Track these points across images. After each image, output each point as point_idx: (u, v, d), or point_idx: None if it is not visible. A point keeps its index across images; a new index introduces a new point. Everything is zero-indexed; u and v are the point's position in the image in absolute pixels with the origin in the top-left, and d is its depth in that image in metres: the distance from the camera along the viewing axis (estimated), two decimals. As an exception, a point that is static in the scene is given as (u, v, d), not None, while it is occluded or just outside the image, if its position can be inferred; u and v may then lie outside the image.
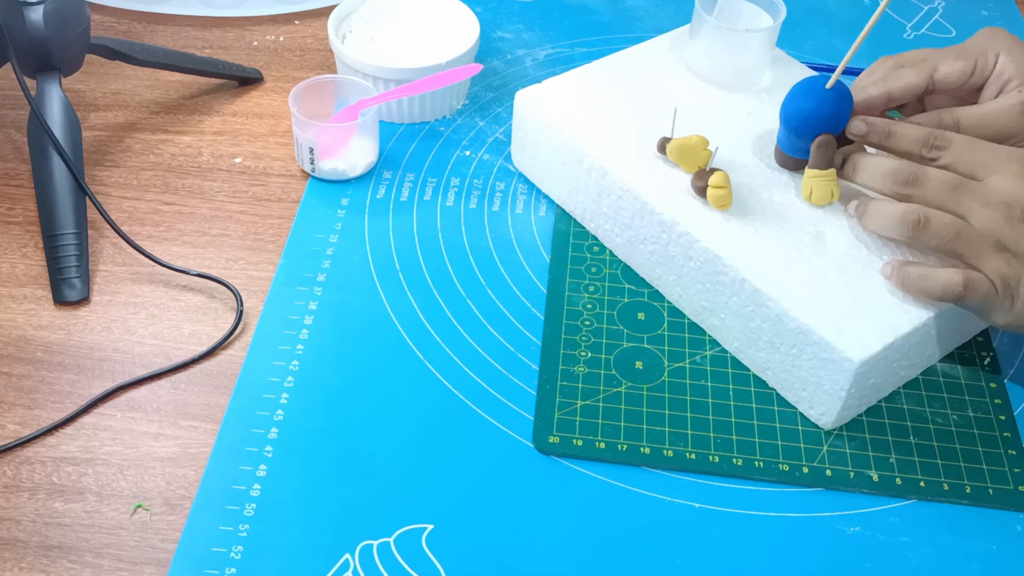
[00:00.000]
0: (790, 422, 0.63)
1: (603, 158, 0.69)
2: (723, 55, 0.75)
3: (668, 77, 0.76)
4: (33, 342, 0.66)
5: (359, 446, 0.61)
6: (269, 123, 0.84)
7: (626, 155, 0.70)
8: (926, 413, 0.65)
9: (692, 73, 0.77)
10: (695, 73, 0.76)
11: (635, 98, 0.74)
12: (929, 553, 0.58)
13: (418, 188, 0.78)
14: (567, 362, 0.66)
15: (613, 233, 0.72)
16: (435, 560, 0.56)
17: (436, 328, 0.68)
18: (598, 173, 0.70)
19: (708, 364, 0.66)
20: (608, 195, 0.70)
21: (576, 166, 0.71)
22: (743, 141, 0.71)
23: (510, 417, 0.63)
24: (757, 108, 0.74)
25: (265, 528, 0.57)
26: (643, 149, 0.70)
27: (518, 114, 0.75)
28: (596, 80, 0.75)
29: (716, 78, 0.76)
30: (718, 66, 0.75)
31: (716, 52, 0.75)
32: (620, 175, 0.68)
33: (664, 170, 0.68)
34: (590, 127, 0.71)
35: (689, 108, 0.73)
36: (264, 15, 0.95)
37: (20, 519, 0.57)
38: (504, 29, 0.95)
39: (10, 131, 0.82)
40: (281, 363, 0.65)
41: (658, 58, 0.78)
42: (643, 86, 0.75)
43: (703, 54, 0.76)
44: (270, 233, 0.74)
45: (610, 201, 0.70)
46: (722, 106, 0.74)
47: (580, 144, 0.70)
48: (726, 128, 0.71)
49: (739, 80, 0.75)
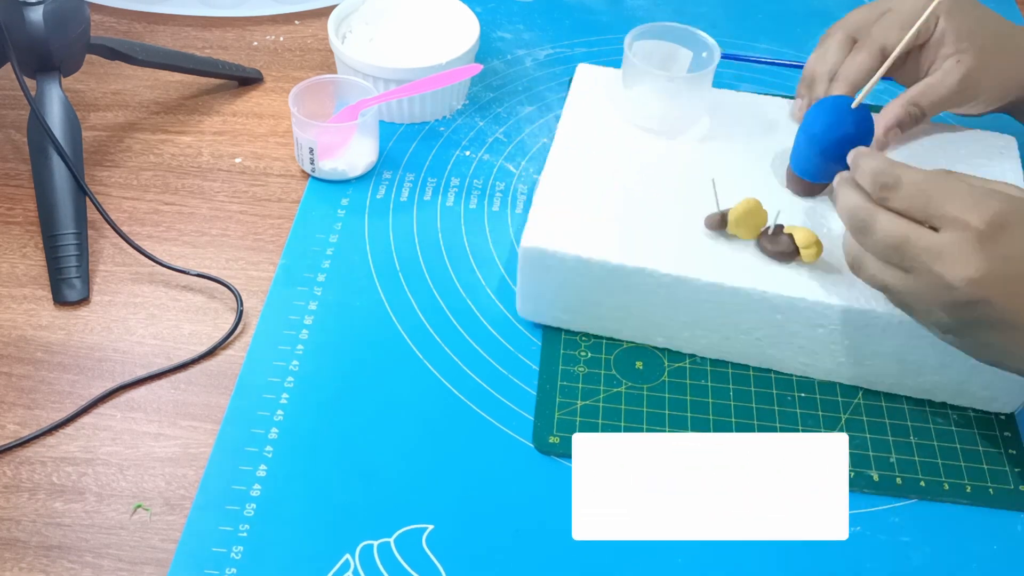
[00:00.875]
0: (791, 422, 0.63)
1: (668, 267, 0.62)
2: (665, 103, 0.71)
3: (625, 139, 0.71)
4: (33, 342, 0.66)
5: (359, 446, 0.61)
6: (269, 123, 0.84)
7: (684, 251, 0.63)
8: (926, 413, 0.65)
9: (631, 125, 0.72)
10: (633, 124, 0.72)
11: (624, 181, 0.67)
12: (929, 553, 0.58)
13: (418, 188, 0.78)
14: (567, 362, 0.66)
15: (695, 337, 0.65)
16: (435, 560, 0.56)
17: (436, 328, 0.68)
18: (669, 287, 0.62)
19: (708, 364, 0.66)
20: (687, 304, 0.63)
21: (631, 292, 0.63)
22: (743, 182, 0.67)
23: (510, 417, 0.63)
24: (724, 147, 0.71)
25: (265, 528, 0.57)
26: (687, 235, 0.64)
27: (529, 267, 0.64)
28: (573, 185, 0.67)
29: (656, 126, 0.71)
30: (660, 114, 0.71)
31: (658, 100, 0.71)
32: (700, 276, 0.61)
33: (729, 250, 0.63)
34: (626, 243, 0.63)
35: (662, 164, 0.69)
36: (264, 15, 0.95)
37: (20, 519, 0.57)
38: (504, 29, 0.95)
39: (10, 131, 0.82)
40: (281, 363, 0.65)
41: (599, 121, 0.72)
42: (618, 162, 0.69)
43: (643, 104, 0.71)
44: (270, 233, 0.74)
45: (691, 308, 0.63)
46: (686, 153, 0.70)
47: (634, 266, 0.62)
48: (708, 174, 0.67)
49: (680, 125, 0.72)
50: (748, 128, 0.73)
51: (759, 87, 0.90)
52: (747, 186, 0.66)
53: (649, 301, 0.64)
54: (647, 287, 0.63)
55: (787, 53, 0.94)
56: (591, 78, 0.76)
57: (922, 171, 0.55)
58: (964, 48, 0.67)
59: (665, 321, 0.65)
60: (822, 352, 0.64)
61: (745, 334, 0.64)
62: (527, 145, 0.83)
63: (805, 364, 0.65)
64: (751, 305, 0.62)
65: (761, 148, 0.71)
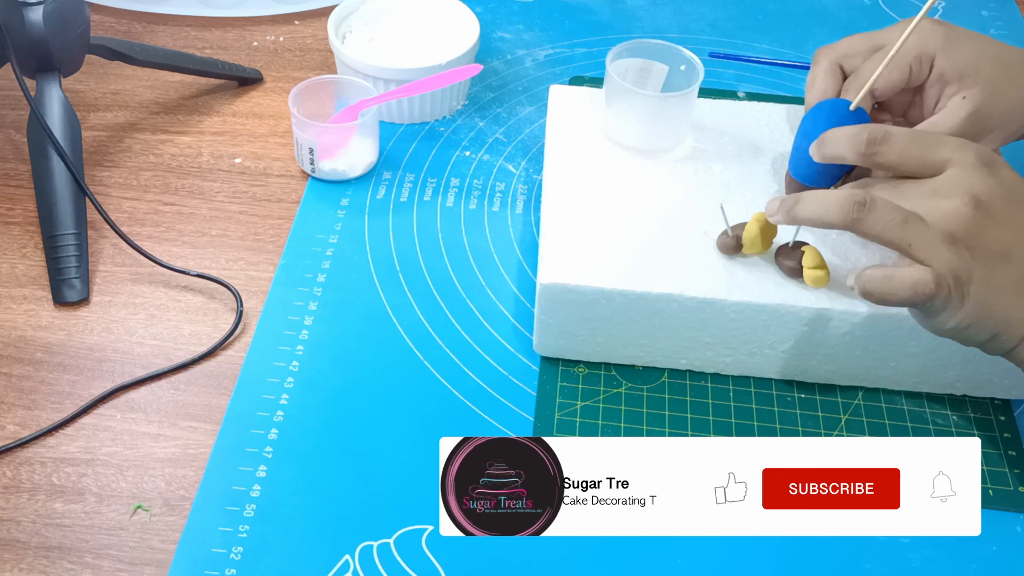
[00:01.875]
0: (790, 422, 0.63)
1: (693, 290, 0.61)
2: (648, 122, 0.70)
3: (617, 162, 0.70)
4: (33, 342, 0.66)
5: (359, 446, 0.61)
6: (269, 123, 0.84)
7: (704, 272, 0.62)
8: (926, 414, 0.65)
9: (616, 145, 0.71)
10: (618, 144, 0.71)
11: (624, 205, 0.67)
12: (929, 553, 0.58)
13: (418, 188, 0.78)
14: (567, 362, 0.66)
15: (720, 356, 0.64)
16: (435, 561, 0.56)
17: (436, 328, 0.68)
18: (693, 311, 0.62)
19: (708, 364, 0.66)
20: (713, 324, 0.62)
21: (654, 319, 0.63)
22: (745, 193, 0.67)
23: (510, 417, 0.63)
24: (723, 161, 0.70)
25: (265, 529, 0.57)
26: (700, 255, 0.63)
27: (549, 304, 0.63)
28: (576, 215, 0.66)
29: (641, 145, 0.70)
30: (644, 133, 0.70)
31: (640, 119, 0.70)
32: (727, 296, 0.61)
33: (746, 265, 0.63)
34: (643, 269, 0.62)
35: (657, 184, 0.68)
36: (264, 15, 0.95)
37: (20, 520, 0.57)
38: (504, 29, 0.95)
39: (10, 131, 0.82)
40: (281, 363, 0.65)
41: (584, 145, 0.71)
42: (613, 185, 0.68)
43: (626, 123, 0.70)
44: (270, 233, 0.74)
45: (716, 329, 0.63)
46: (679, 170, 0.70)
47: (657, 292, 0.61)
48: (705, 189, 0.67)
49: (665, 143, 0.71)
50: (733, 138, 0.72)
51: (759, 87, 0.90)
52: (749, 198, 0.66)
53: (672, 326, 0.63)
54: (671, 312, 0.62)
55: (787, 53, 0.94)
56: (566, 99, 0.75)
57: (898, 127, 0.57)
58: (969, 84, 0.64)
59: (689, 344, 0.64)
60: (847, 358, 0.63)
61: (770, 348, 0.63)
62: (527, 145, 0.82)
63: (831, 371, 0.65)
64: (778, 320, 0.62)
65: (751, 156, 0.70)
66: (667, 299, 0.62)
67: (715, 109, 0.74)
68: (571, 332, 0.64)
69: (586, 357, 0.66)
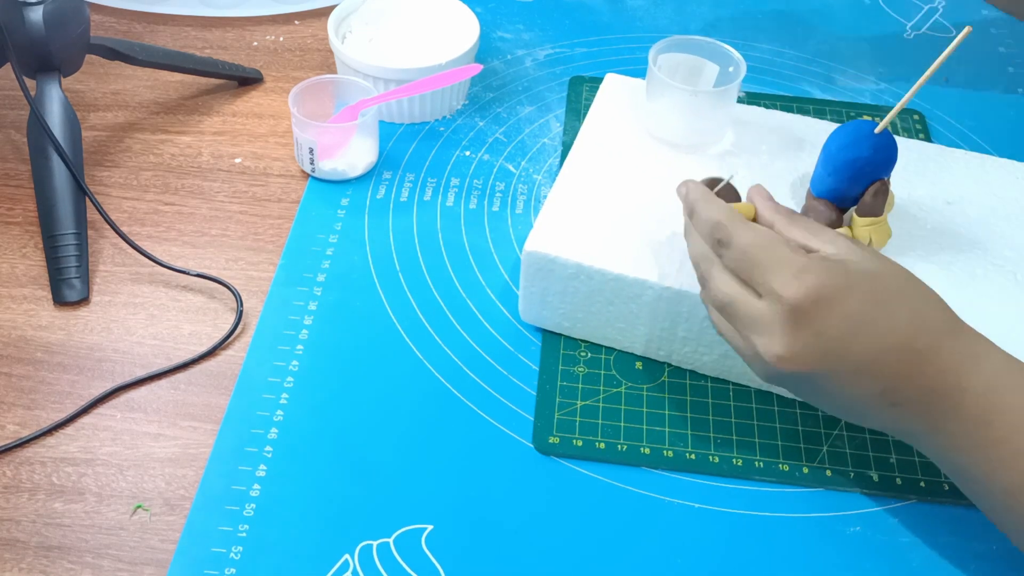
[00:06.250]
0: (790, 422, 0.63)
1: (669, 280, 0.61)
2: (688, 117, 0.70)
3: (645, 151, 0.71)
4: (33, 342, 0.66)
5: (359, 446, 0.61)
6: (269, 123, 0.84)
7: (688, 265, 0.61)
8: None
9: (653, 138, 0.72)
10: (656, 138, 0.72)
11: (638, 193, 0.67)
12: (929, 553, 0.58)
13: (418, 188, 0.78)
14: (567, 362, 0.66)
15: (697, 354, 0.64)
16: (435, 561, 0.56)
17: (436, 328, 0.68)
18: (668, 301, 0.62)
19: (708, 364, 0.66)
20: (689, 319, 0.62)
21: (632, 302, 0.63)
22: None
23: (510, 417, 0.63)
24: (742, 162, 0.70)
25: (265, 528, 0.57)
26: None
27: (531, 272, 0.64)
28: (586, 192, 0.67)
29: (678, 140, 0.71)
30: (683, 128, 0.71)
31: (681, 114, 0.70)
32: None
33: None
34: (630, 254, 0.63)
35: (678, 179, 0.65)
36: (264, 15, 0.95)
37: (20, 519, 0.57)
38: (504, 29, 0.95)
39: (10, 131, 0.82)
40: (281, 363, 0.65)
41: (621, 132, 0.72)
42: (634, 173, 0.69)
43: (666, 117, 0.71)
44: (270, 233, 0.74)
45: (693, 324, 0.62)
46: (704, 168, 0.69)
47: (634, 276, 0.62)
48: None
49: (703, 140, 0.72)
50: (772, 146, 0.72)
51: (760, 87, 0.90)
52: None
53: (649, 315, 0.63)
54: (647, 299, 0.62)
55: (787, 53, 0.94)
56: (618, 87, 0.76)
57: (753, 230, 0.54)
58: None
59: (665, 336, 0.64)
60: None
61: None
62: (527, 145, 0.83)
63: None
64: None
65: (783, 167, 0.70)
66: (642, 285, 0.62)
67: (762, 117, 0.74)
68: (552, 304, 0.65)
69: (567, 332, 0.67)
